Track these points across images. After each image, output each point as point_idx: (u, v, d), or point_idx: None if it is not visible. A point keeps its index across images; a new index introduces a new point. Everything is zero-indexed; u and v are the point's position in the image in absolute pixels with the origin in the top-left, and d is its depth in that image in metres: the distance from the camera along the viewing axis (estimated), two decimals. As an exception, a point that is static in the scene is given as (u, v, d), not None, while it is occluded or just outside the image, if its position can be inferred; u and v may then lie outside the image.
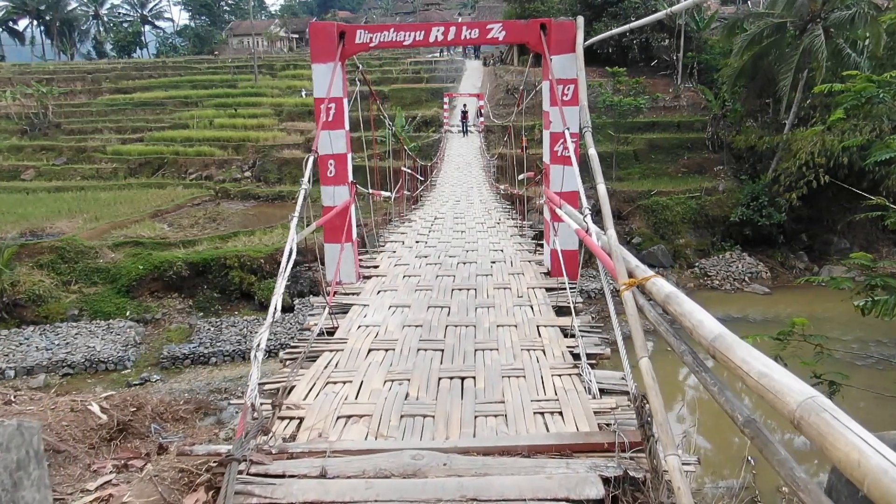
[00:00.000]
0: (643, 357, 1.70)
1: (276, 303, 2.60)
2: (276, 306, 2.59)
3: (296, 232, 2.99)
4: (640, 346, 1.77)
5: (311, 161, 3.48)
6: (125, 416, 2.63)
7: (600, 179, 2.68)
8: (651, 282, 1.83)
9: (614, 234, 2.28)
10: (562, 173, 5.03)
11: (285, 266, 2.78)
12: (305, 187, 3.36)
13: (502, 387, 3.48)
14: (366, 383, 3.51)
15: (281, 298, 2.62)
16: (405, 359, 4.00)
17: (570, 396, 3.24)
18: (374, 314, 5.04)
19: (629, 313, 1.90)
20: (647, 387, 1.64)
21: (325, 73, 5.14)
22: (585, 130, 3.25)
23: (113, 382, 15.96)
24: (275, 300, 2.60)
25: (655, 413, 1.60)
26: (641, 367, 1.70)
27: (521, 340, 4.32)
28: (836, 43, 22.55)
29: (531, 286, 5.81)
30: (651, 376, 1.65)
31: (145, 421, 2.71)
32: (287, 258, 2.82)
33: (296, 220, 3.07)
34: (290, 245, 2.83)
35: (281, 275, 2.75)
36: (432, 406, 3.20)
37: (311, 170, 3.41)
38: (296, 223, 3.06)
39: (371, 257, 7.47)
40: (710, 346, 1.37)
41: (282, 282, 2.70)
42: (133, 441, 2.56)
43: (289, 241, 2.85)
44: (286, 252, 2.81)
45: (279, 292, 2.62)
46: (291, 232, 2.99)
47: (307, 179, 3.37)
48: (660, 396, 1.62)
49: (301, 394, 3.26)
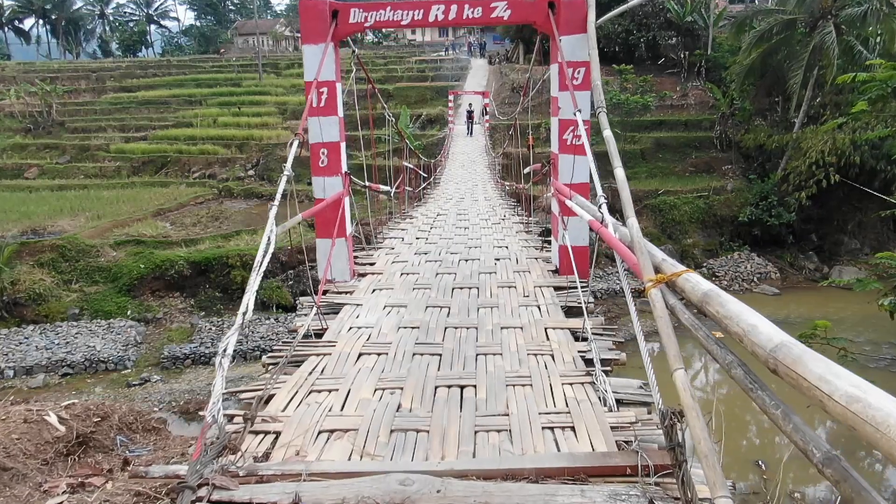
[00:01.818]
0: (678, 369, 1.41)
1: (248, 302, 2.29)
2: (248, 305, 2.29)
3: (275, 223, 2.67)
4: (672, 354, 1.46)
5: (296, 144, 3.19)
6: (87, 428, 2.35)
7: (618, 163, 2.38)
8: (683, 278, 1.54)
9: (636, 224, 1.98)
10: (572, 163, 4.65)
11: (261, 259, 2.46)
12: (288, 173, 3.06)
13: (506, 397, 3.15)
14: (353, 392, 3.18)
15: (254, 297, 2.31)
16: (399, 364, 3.67)
17: (583, 408, 2.91)
18: (368, 315, 4.71)
19: (658, 315, 1.59)
20: (686, 406, 1.34)
21: (316, 55, 4.80)
22: (600, 111, 2.96)
23: (113, 382, 15.81)
24: (246, 298, 2.30)
25: (699, 440, 1.29)
26: (677, 381, 1.40)
27: (527, 344, 3.98)
28: (847, 40, 22.19)
29: (538, 285, 5.45)
30: (690, 393, 1.35)
31: (110, 432, 2.43)
32: (263, 251, 2.50)
33: (275, 210, 2.76)
34: (268, 236, 2.53)
35: (255, 269, 2.43)
36: (427, 419, 2.88)
37: (294, 154, 3.12)
38: (275, 212, 2.76)
39: (368, 254, 7.09)
40: (768, 358, 1.09)
41: (255, 277, 2.38)
42: (94, 455, 2.29)
43: (266, 231, 2.56)
44: (262, 244, 2.51)
45: (252, 290, 2.32)
46: (270, 221, 2.68)
47: (289, 164, 3.08)
48: (702, 418, 1.32)
49: (280, 404, 2.94)
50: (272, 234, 2.54)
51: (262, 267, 2.44)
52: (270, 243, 2.50)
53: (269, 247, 2.50)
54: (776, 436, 12.86)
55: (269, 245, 2.50)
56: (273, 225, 2.61)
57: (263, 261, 2.47)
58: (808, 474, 11.19)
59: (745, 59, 24.90)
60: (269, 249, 2.51)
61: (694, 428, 1.34)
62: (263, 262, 2.46)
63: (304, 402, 3.01)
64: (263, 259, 2.50)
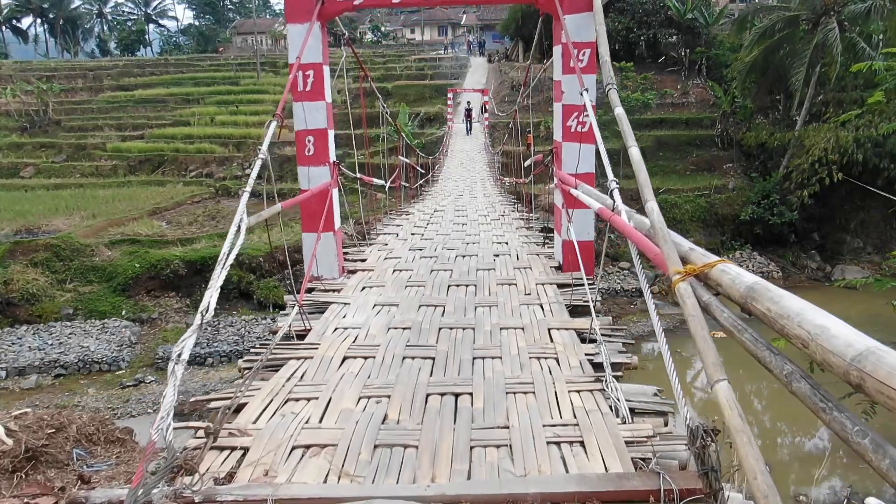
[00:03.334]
0: (720, 380, 1.14)
1: (209, 299, 2.01)
2: (209, 303, 2.01)
3: (245, 210, 2.39)
4: (711, 362, 1.19)
5: (273, 126, 2.93)
6: (38, 441, 2.10)
7: (632, 142, 2.13)
8: (719, 269, 1.28)
9: (657, 208, 1.71)
10: (577, 152, 4.27)
11: (227, 251, 2.17)
12: (263, 156, 2.80)
13: (506, 406, 2.85)
14: (335, 401, 2.88)
15: (217, 294, 2.03)
16: (387, 369, 3.36)
17: (594, 420, 2.60)
18: (355, 314, 4.40)
19: (689, 314, 1.32)
20: (734, 429, 1.06)
21: (302, 35, 4.44)
22: (610, 87, 2.71)
23: (106, 384, 15.64)
24: (208, 296, 2.01)
25: (753, 474, 0.97)
26: (720, 396, 1.13)
27: (528, 346, 3.67)
28: (850, 37, 21.96)
29: (540, 282, 5.13)
30: (738, 412, 1.08)
31: (66, 445, 2.18)
32: (231, 242, 2.21)
33: (246, 196, 2.48)
34: (237, 225, 2.26)
35: (220, 263, 2.13)
36: (415, 433, 2.58)
37: (270, 136, 2.86)
38: (246, 199, 2.47)
39: (359, 250, 6.73)
40: (849, 370, 0.84)
41: (220, 272, 2.09)
42: (46, 472, 2.04)
43: (235, 219, 2.29)
44: (231, 233, 2.23)
45: (215, 286, 2.03)
46: (240, 208, 2.40)
47: (265, 147, 2.81)
48: (755, 444, 1.04)
49: (252, 414, 2.63)
50: (242, 222, 2.27)
51: (227, 260, 2.14)
52: (240, 232, 2.24)
53: (238, 237, 2.23)
54: (778, 437, 12.61)
55: (238, 235, 2.23)
56: (244, 213, 2.33)
57: (231, 252, 2.19)
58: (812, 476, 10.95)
59: (747, 57, 24.69)
60: (239, 240, 2.23)
61: (746, 458, 1.03)
62: (231, 254, 2.18)
63: (279, 412, 2.71)
64: (230, 251, 2.21)
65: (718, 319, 1.36)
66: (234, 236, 2.21)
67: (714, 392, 1.15)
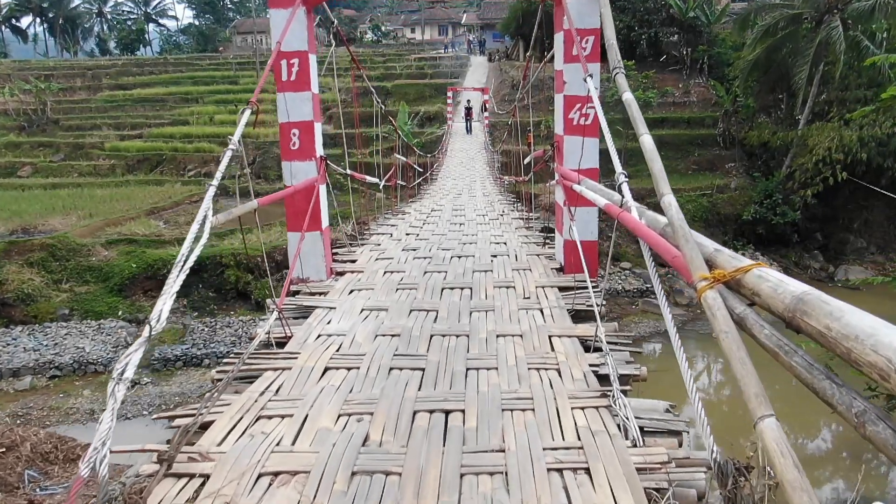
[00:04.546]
0: (766, 417, 0.92)
1: (162, 307, 1.79)
2: (161, 312, 1.78)
3: (211, 205, 2.14)
4: (754, 393, 0.94)
5: (247, 114, 2.71)
6: (-15, 462, 1.90)
7: (644, 129, 1.91)
8: (755, 274, 1.05)
9: (675, 202, 1.49)
10: (580, 146, 3.97)
11: (187, 253, 1.92)
12: (233, 147, 2.56)
13: (502, 425, 2.61)
14: (311, 419, 2.63)
15: (171, 300, 1.82)
16: (371, 382, 3.09)
17: (600, 442, 2.34)
18: (341, 320, 4.14)
19: (721, 330, 1.06)
20: (789, 485, 0.80)
21: (285, 20, 4.14)
22: (617, 72, 2.50)
23: (101, 385, 15.50)
24: (161, 303, 1.78)
25: None
26: (767, 439, 0.90)
27: (527, 356, 3.39)
28: (853, 35, 21.75)
29: (540, 284, 4.85)
30: (792, 460, 0.86)
31: (17, 466, 1.97)
32: (192, 239, 1.97)
33: (212, 190, 2.22)
34: (199, 222, 2.02)
35: (177, 265, 1.89)
36: (399, 457, 2.34)
37: (244, 124, 2.63)
38: (212, 192, 2.21)
39: (350, 250, 6.40)
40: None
41: (177, 274, 1.87)
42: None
43: (199, 214, 2.04)
44: (192, 231, 1.99)
45: (171, 291, 1.80)
46: (205, 203, 2.13)
47: (237, 136, 2.57)
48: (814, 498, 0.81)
49: (217, 435, 2.37)
50: (207, 219, 2.03)
51: (187, 263, 1.90)
52: (204, 230, 2.00)
53: (201, 234, 1.98)
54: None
55: (202, 230, 1.98)
56: (209, 209, 2.09)
57: (191, 254, 1.93)
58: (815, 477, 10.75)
59: (749, 55, 24.51)
60: (203, 238, 1.99)
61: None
62: (191, 255, 1.92)
63: (249, 431, 2.45)
64: (190, 253, 1.94)
65: (758, 337, 1.10)
66: (195, 234, 1.96)
67: (758, 432, 0.92)
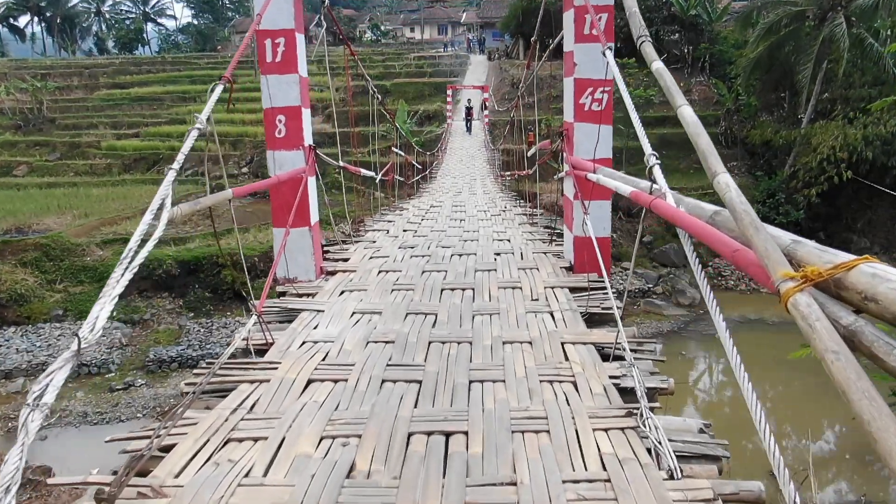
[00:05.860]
0: None
1: (98, 314, 1.44)
2: (95, 321, 1.45)
3: (170, 191, 1.88)
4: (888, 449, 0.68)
5: (219, 90, 2.42)
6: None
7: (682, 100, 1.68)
8: (863, 272, 0.79)
9: (733, 183, 1.23)
10: (596, 134, 3.60)
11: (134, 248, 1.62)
12: (200, 126, 2.26)
13: (512, 451, 2.20)
14: (289, 443, 2.26)
15: (109, 307, 1.53)
16: (360, 397, 2.70)
17: (630, 474, 1.98)
18: (329, 324, 3.75)
19: (825, 349, 0.78)
20: None
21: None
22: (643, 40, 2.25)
23: (95, 387, 15.31)
24: (97, 310, 1.43)
25: None
26: None
27: (539, 366, 2.99)
28: (857, 32, 21.53)
29: (549, 285, 4.46)
30: None
31: (-39, 491, 1.73)
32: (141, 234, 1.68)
33: (173, 174, 1.96)
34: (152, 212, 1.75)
35: (121, 263, 1.59)
36: (391, 491, 1.97)
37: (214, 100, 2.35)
38: (172, 177, 1.95)
39: (343, 248, 5.98)
40: None
41: (120, 275, 1.60)
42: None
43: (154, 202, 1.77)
44: (143, 222, 1.72)
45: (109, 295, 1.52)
46: (162, 189, 1.84)
47: (206, 113, 2.28)
48: None
49: (177, 462, 2.01)
50: (165, 208, 1.75)
51: (134, 259, 1.65)
52: (160, 221, 1.75)
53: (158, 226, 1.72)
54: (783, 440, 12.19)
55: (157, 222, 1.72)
56: (167, 196, 1.81)
57: (140, 251, 1.65)
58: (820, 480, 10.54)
59: (751, 53, 24.30)
60: (158, 231, 1.73)
61: None
62: (141, 252, 1.66)
63: (214, 459, 2.08)
64: (138, 248, 1.64)
65: (886, 361, 0.81)
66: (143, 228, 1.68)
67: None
